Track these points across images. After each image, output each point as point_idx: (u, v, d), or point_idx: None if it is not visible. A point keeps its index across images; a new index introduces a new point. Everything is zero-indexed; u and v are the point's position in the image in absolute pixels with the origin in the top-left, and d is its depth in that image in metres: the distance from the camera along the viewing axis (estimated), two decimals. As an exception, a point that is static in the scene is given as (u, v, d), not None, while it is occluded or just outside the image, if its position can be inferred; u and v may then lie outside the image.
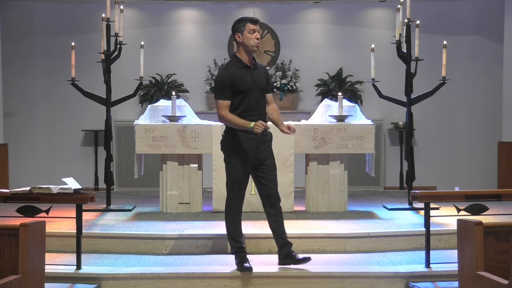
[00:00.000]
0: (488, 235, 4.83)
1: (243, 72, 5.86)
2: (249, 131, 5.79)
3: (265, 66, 6.21)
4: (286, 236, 6.03)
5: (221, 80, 5.86)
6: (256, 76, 5.88)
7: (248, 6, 11.69)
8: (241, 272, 5.91)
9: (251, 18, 5.97)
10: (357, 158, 9.36)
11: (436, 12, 11.53)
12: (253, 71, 5.90)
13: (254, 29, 5.89)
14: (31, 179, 10.50)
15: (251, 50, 5.90)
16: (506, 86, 10.59)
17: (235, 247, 5.98)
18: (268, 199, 5.96)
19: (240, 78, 5.83)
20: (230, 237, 6.00)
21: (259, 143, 5.86)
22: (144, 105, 11.18)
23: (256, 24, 5.91)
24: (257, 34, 5.90)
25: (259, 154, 5.87)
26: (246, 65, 5.90)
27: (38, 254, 4.94)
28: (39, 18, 11.50)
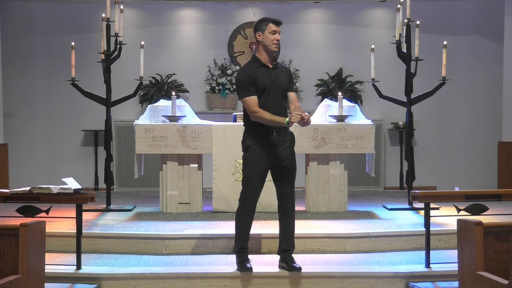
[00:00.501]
0: (488, 235, 4.83)
1: (261, 71, 5.85)
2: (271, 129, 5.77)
3: (287, 67, 6.16)
4: (290, 242, 5.98)
5: (242, 79, 5.86)
6: (274, 76, 5.85)
7: (248, 6, 11.70)
8: (241, 272, 5.90)
9: (275, 19, 5.95)
10: (357, 158, 9.36)
11: (436, 12, 11.53)
12: (271, 70, 5.88)
13: (275, 30, 5.89)
14: (31, 179, 10.51)
15: (269, 50, 5.88)
16: (506, 86, 10.60)
17: (239, 246, 5.96)
18: (280, 199, 5.93)
19: (258, 76, 5.81)
20: (237, 235, 5.96)
21: (278, 142, 5.83)
22: (144, 105, 11.18)
23: (278, 26, 5.92)
24: (278, 36, 5.89)
25: (279, 154, 5.84)
26: (265, 64, 5.89)
27: (38, 254, 4.94)
28: (39, 18, 11.50)
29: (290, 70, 6.19)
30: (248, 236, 5.98)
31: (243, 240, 5.96)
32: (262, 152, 5.81)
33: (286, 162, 5.88)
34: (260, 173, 5.85)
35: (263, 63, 5.89)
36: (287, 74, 6.01)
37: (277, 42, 5.89)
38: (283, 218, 5.96)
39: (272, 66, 5.91)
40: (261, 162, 5.82)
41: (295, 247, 6.03)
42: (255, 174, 5.83)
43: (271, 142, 5.82)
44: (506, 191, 6.27)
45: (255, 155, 5.82)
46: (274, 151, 5.83)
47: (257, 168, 5.83)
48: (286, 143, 5.90)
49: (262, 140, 5.82)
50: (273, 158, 5.84)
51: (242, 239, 5.96)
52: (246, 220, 5.93)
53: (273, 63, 5.93)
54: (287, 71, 6.08)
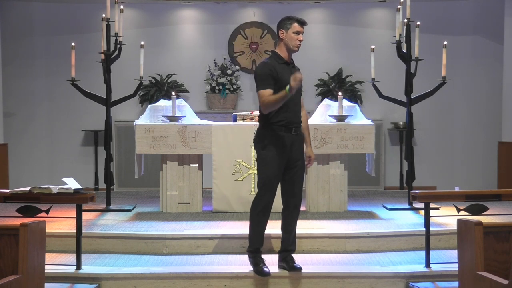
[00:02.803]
0: (488, 235, 4.83)
1: (283, 68, 5.84)
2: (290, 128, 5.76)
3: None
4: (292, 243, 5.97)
5: (262, 71, 5.76)
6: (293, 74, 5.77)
7: (248, 6, 11.70)
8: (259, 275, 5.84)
9: (300, 19, 5.96)
10: (357, 158, 9.36)
11: (436, 12, 11.53)
12: (291, 69, 5.87)
13: (299, 31, 5.91)
14: (31, 179, 10.51)
15: (291, 49, 5.89)
16: (506, 86, 10.60)
17: (255, 246, 5.90)
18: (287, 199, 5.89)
19: (281, 72, 5.77)
20: (253, 235, 5.88)
21: (294, 141, 5.80)
22: (144, 105, 11.18)
23: (303, 26, 5.93)
24: (301, 36, 5.90)
25: (294, 153, 5.82)
26: (286, 61, 5.89)
27: (38, 254, 4.94)
28: (39, 18, 11.50)
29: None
30: (263, 234, 5.92)
31: (259, 240, 5.90)
32: (280, 151, 5.75)
33: (299, 162, 5.86)
34: (277, 173, 5.79)
35: (284, 60, 5.88)
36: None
37: (300, 43, 5.90)
38: (288, 219, 5.94)
39: (292, 65, 5.92)
40: (279, 162, 5.76)
41: (296, 247, 6.02)
42: (273, 173, 5.76)
43: (288, 141, 5.77)
44: (506, 191, 6.28)
45: (274, 154, 5.75)
46: (290, 150, 5.79)
47: (275, 168, 5.77)
48: (300, 142, 5.90)
49: (281, 139, 5.76)
50: (289, 157, 5.81)
51: (258, 239, 5.89)
52: (264, 219, 5.87)
53: (291, 62, 5.93)
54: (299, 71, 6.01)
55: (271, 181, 5.78)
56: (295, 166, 5.84)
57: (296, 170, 5.86)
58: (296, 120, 5.85)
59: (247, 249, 5.99)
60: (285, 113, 5.75)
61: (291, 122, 5.79)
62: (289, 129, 5.77)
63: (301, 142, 5.91)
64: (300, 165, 5.87)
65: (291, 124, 5.79)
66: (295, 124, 5.82)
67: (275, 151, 5.75)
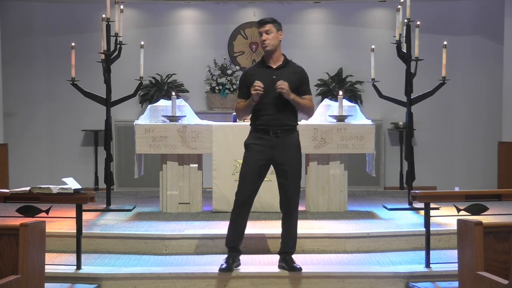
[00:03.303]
0: (488, 235, 4.83)
1: (261, 72, 5.87)
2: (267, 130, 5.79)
3: (301, 68, 6.03)
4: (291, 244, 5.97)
5: (239, 80, 6.00)
6: (276, 76, 5.80)
7: (248, 6, 11.70)
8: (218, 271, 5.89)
9: (259, 20, 5.97)
10: (357, 158, 9.36)
11: (436, 12, 11.53)
12: (275, 71, 5.86)
13: (261, 31, 5.90)
14: (31, 179, 10.50)
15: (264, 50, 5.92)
16: (506, 86, 10.60)
17: (228, 245, 5.97)
18: (282, 202, 5.92)
19: (256, 77, 5.81)
20: (228, 234, 5.97)
21: (275, 144, 5.80)
22: (144, 105, 11.18)
23: (262, 26, 5.89)
24: (264, 36, 5.87)
25: (276, 156, 5.81)
26: (268, 65, 5.90)
27: (38, 254, 4.94)
28: (39, 18, 11.50)
29: (303, 71, 6.00)
30: (240, 238, 5.94)
31: (232, 240, 5.94)
32: (257, 151, 5.81)
33: (285, 167, 5.83)
34: (252, 172, 5.82)
35: (266, 64, 5.91)
36: (298, 76, 5.91)
37: (264, 42, 5.86)
38: (286, 222, 5.95)
39: (277, 67, 5.89)
40: (255, 161, 5.81)
41: (296, 249, 6.02)
42: (247, 172, 5.83)
43: (268, 143, 5.80)
44: (506, 191, 6.28)
45: (251, 154, 5.84)
46: (270, 152, 5.81)
47: (250, 166, 5.82)
48: (287, 146, 5.84)
49: (260, 141, 5.82)
50: (269, 159, 5.82)
51: (231, 239, 5.94)
52: (238, 220, 5.90)
53: (278, 64, 5.90)
54: (299, 72, 5.95)
55: (245, 179, 5.83)
56: (281, 170, 5.84)
57: (285, 174, 5.84)
58: (277, 123, 5.81)
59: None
60: (263, 116, 5.81)
61: (270, 125, 5.80)
62: (267, 132, 5.80)
63: (286, 147, 5.83)
64: (287, 169, 5.82)
65: (270, 127, 5.80)
66: (274, 127, 5.80)
67: (253, 152, 5.82)
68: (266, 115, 5.80)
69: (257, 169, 5.84)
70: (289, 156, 5.85)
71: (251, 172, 5.83)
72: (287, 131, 5.85)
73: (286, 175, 5.84)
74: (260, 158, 5.81)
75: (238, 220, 5.91)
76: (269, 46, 5.87)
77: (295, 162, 5.88)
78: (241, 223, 5.92)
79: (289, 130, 5.86)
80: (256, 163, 5.82)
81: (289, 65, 5.95)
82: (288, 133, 5.86)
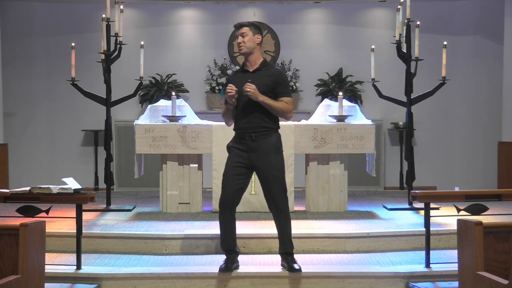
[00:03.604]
0: (488, 235, 4.83)
1: (240, 76, 5.90)
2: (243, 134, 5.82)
3: (279, 69, 6.01)
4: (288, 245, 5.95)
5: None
6: (252, 80, 5.80)
7: (248, 6, 11.70)
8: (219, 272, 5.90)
9: (235, 24, 5.97)
10: (357, 158, 9.36)
11: (436, 12, 11.53)
12: (251, 75, 5.86)
13: (237, 34, 5.92)
14: (31, 179, 10.50)
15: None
16: (506, 86, 10.60)
17: (222, 248, 5.99)
18: (270, 205, 5.92)
19: (234, 82, 5.86)
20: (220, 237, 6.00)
21: (251, 148, 5.80)
22: (144, 105, 11.18)
23: (238, 29, 5.90)
24: (240, 39, 5.87)
25: (253, 161, 5.82)
26: (244, 69, 5.93)
27: (38, 254, 4.94)
28: (39, 18, 11.50)
29: (279, 74, 5.93)
30: (233, 239, 5.95)
31: (225, 243, 5.95)
32: (236, 154, 5.85)
33: (266, 173, 5.81)
34: (231, 174, 5.83)
35: (243, 68, 5.95)
36: (272, 78, 5.83)
37: (240, 44, 5.87)
38: (276, 223, 5.96)
39: (253, 70, 5.87)
40: (233, 163, 5.84)
41: (294, 247, 6.01)
42: (225, 174, 5.87)
43: (245, 147, 5.83)
44: (506, 191, 6.28)
45: (230, 156, 5.90)
46: (247, 156, 5.83)
47: (228, 168, 5.85)
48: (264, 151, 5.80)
49: (238, 144, 5.87)
50: (248, 163, 5.83)
51: (224, 242, 5.96)
52: (225, 222, 5.91)
53: (255, 67, 5.88)
54: (271, 74, 5.87)
55: (225, 180, 5.86)
56: (261, 175, 5.85)
57: (265, 179, 5.84)
58: (251, 126, 5.81)
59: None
60: (240, 120, 5.86)
61: (244, 129, 5.82)
62: (243, 136, 5.83)
63: (263, 151, 5.80)
64: (267, 176, 5.81)
65: (245, 130, 5.82)
66: (249, 131, 5.81)
67: (232, 154, 5.88)
68: (242, 119, 5.84)
69: (236, 171, 5.83)
70: (267, 161, 5.81)
71: (229, 174, 5.85)
72: (263, 134, 5.82)
73: (267, 180, 5.83)
74: (238, 161, 5.83)
75: (225, 222, 5.92)
76: (244, 48, 5.87)
77: (275, 166, 5.83)
78: (229, 225, 5.92)
79: (265, 133, 5.82)
80: (234, 164, 5.85)
81: (267, 68, 5.90)
82: (265, 136, 5.82)
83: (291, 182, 8.04)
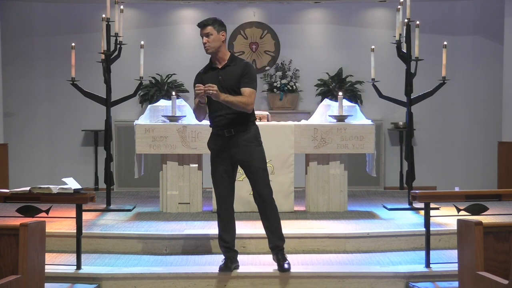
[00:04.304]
0: (488, 235, 4.83)
1: (208, 74, 5.93)
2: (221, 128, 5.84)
3: (245, 62, 5.95)
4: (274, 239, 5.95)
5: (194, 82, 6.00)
6: (222, 76, 5.83)
7: (248, 6, 11.70)
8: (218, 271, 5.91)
9: (199, 23, 5.95)
10: (357, 158, 9.36)
11: (436, 12, 11.53)
12: (219, 71, 5.88)
13: (201, 34, 5.92)
14: (31, 179, 10.50)
15: None
16: (506, 86, 10.60)
17: (222, 245, 5.98)
18: (255, 198, 5.95)
19: (204, 78, 5.89)
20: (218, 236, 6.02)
21: (232, 142, 5.82)
22: (144, 105, 11.18)
23: (202, 29, 5.89)
24: (204, 39, 5.88)
25: (235, 155, 5.84)
26: (213, 66, 5.94)
27: (38, 254, 4.94)
28: (39, 18, 11.50)
29: (246, 66, 5.88)
30: (229, 237, 5.97)
31: (224, 238, 5.96)
32: (217, 151, 5.89)
33: (248, 163, 5.85)
34: (219, 172, 5.88)
35: (212, 65, 5.97)
36: (239, 70, 5.83)
37: (205, 45, 5.88)
38: (263, 217, 5.96)
39: (222, 66, 5.89)
40: (218, 161, 5.88)
41: (284, 241, 5.97)
42: (213, 174, 5.94)
43: (225, 143, 5.84)
44: (506, 191, 6.27)
45: (212, 155, 5.95)
46: (229, 151, 5.85)
47: (216, 168, 5.90)
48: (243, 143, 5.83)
49: (217, 140, 5.90)
50: (230, 158, 5.86)
51: (222, 237, 5.96)
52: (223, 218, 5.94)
53: (223, 63, 5.89)
54: (239, 66, 5.87)
55: (214, 180, 5.94)
56: (245, 166, 5.87)
57: (248, 171, 5.88)
58: (228, 122, 5.81)
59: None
60: (217, 118, 5.87)
61: (222, 125, 5.84)
62: (221, 132, 5.85)
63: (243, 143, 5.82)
64: (250, 165, 5.85)
65: (223, 127, 5.84)
66: (227, 127, 5.82)
67: (214, 153, 5.94)
68: (219, 115, 5.84)
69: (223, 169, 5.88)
70: (248, 153, 5.85)
71: (216, 175, 5.92)
72: (241, 128, 5.84)
73: (250, 170, 5.86)
74: (221, 158, 5.87)
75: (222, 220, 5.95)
76: (210, 49, 5.90)
77: (256, 157, 5.87)
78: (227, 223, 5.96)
79: (243, 127, 5.85)
80: (218, 162, 5.90)
81: (235, 63, 5.90)
82: (243, 129, 5.85)
83: (291, 182, 8.06)
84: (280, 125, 8.15)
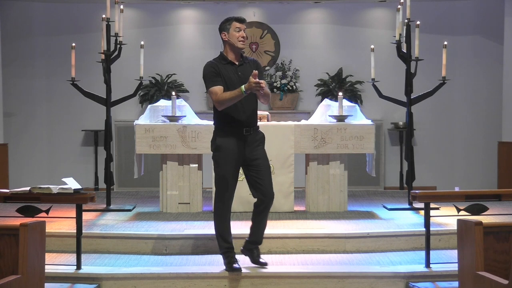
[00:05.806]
0: (488, 235, 4.83)
1: (226, 68, 5.87)
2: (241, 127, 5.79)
3: (255, 59, 6.06)
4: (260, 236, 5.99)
5: (207, 70, 5.88)
6: (241, 73, 5.83)
7: (248, 6, 11.70)
8: (230, 272, 5.89)
9: (238, 17, 5.96)
10: (357, 158, 9.36)
11: (436, 12, 11.53)
12: (238, 67, 5.88)
13: (239, 27, 5.89)
14: (31, 179, 10.50)
15: (236, 47, 5.88)
16: (506, 86, 10.60)
17: (224, 247, 5.95)
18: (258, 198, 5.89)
19: (223, 72, 5.83)
20: (218, 237, 5.96)
21: (249, 141, 5.83)
22: (144, 105, 11.18)
23: (242, 23, 5.90)
24: (243, 33, 5.88)
25: (247, 154, 5.83)
26: (230, 61, 5.90)
27: (38, 254, 4.94)
28: (39, 18, 11.50)
29: (258, 62, 6.03)
30: (230, 231, 5.97)
31: (227, 235, 5.95)
32: (232, 151, 5.81)
33: (259, 161, 5.86)
34: (232, 172, 5.84)
35: (229, 60, 5.90)
36: (255, 67, 5.90)
37: (243, 39, 5.87)
38: (261, 215, 5.94)
39: (239, 63, 5.90)
40: (232, 161, 5.81)
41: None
42: (228, 173, 5.82)
43: (241, 141, 5.81)
44: (506, 191, 6.28)
45: (226, 154, 5.81)
46: (244, 150, 5.83)
47: (229, 167, 5.82)
48: (257, 142, 5.88)
49: (232, 139, 5.81)
50: (244, 157, 5.84)
51: (225, 239, 5.95)
52: (227, 219, 5.93)
53: (239, 60, 5.92)
54: (254, 63, 5.96)
55: (225, 182, 5.85)
56: (254, 165, 5.85)
57: (258, 170, 5.85)
58: (249, 120, 5.84)
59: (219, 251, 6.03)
60: (237, 117, 5.80)
61: (243, 123, 5.81)
62: (241, 131, 5.81)
63: (256, 142, 5.86)
64: (261, 164, 5.85)
65: (243, 125, 5.81)
66: (247, 125, 5.82)
67: (228, 152, 5.81)
68: (242, 114, 5.80)
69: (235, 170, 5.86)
70: (261, 152, 5.90)
71: (230, 177, 5.85)
72: (255, 127, 5.91)
73: (261, 168, 5.84)
74: (236, 159, 5.81)
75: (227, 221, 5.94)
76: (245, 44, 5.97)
77: (266, 155, 5.94)
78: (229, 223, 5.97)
79: (256, 126, 5.93)
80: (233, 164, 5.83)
81: (247, 60, 5.98)
82: (256, 128, 5.93)
83: (291, 182, 8.06)
84: (280, 125, 8.15)
